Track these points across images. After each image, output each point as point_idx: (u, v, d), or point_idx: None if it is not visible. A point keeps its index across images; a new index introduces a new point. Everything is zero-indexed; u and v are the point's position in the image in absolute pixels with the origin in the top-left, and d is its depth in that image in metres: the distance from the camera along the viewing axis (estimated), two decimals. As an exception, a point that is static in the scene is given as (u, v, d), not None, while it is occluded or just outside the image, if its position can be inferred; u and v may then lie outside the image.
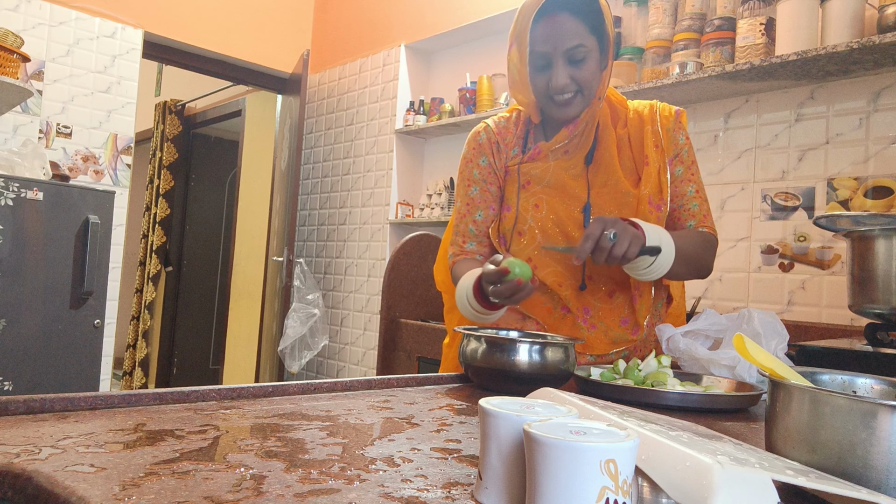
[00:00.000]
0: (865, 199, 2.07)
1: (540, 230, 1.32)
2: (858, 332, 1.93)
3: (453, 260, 1.41)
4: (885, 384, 0.64)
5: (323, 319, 3.83)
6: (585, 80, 1.26)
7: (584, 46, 1.23)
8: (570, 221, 1.30)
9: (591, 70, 1.25)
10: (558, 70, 1.24)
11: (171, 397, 0.76)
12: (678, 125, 1.35)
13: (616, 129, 1.35)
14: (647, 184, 1.29)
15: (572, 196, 1.31)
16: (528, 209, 1.33)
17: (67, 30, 3.35)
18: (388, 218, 3.70)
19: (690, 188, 1.34)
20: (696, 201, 1.34)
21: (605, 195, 1.30)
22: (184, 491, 0.46)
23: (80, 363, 2.61)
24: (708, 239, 1.32)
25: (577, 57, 1.23)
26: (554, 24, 1.22)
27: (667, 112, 1.35)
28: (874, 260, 1.26)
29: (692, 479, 0.43)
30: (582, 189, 1.31)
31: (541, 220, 1.32)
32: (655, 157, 1.31)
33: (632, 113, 1.36)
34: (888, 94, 2.05)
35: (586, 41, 1.23)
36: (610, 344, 1.30)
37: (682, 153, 1.34)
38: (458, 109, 3.42)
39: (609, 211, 1.30)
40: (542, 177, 1.34)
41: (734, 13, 2.28)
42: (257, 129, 5.14)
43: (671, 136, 1.33)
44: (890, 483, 0.50)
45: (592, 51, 1.25)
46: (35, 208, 2.48)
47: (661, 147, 1.32)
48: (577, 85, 1.26)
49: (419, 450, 0.61)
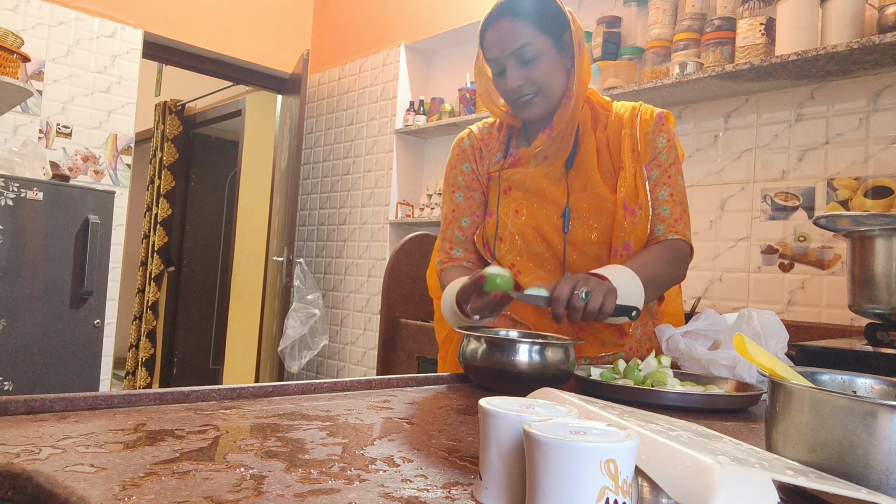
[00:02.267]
0: (865, 199, 2.07)
1: (520, 236, 1.32)
2: (858, 332, 1.93)
3: (441, 267, 1.41)
4: (885, 384, 0.64)
5: (323, 319, 3.83)
6: (540, 79, 1.26)
7: (530, 45, 1.24)
8: (550, 227, 1.30)
9: (544, 69, 1.26)
10: (510, 72, 1.26)
11: (171, 397, 0.76)
12: (659, 128, 1.32)
13: (595, 133, 1.34)
14: (622, 188, 1.28)
15: (552, 202, 1.31)
16: (508, 214, 1.34)
17: (67, 30, 3.35)
18: (388, 218, 3.70)
19: (664, 192, 1.31)
20: (668, 205, 1.31)
21: (583, 200, 1.29)
22: (184, 491, 0.46)
23: (80, 363, 2.61)
24: (676, 249, 1.29)
25: (526, 57, 1.25)
26: (497, 29, 1.25)
27: (648, 115, 1.33)
28: (874, 260, 1.26)
29: (692, 479, 0.43)
30: (562, 194, 1.31)
31: (521, 225, 1.32)
32: (631, 162, 1.29)
33: (613, 116, 1.35)
34: (888, 94, 2.05)
35: (534, 40, 1.24)
36: (599, 346, 1.30)
37: (659, 156, 1.32)
38: (458, 109, 3.42)
39: (588, 217, 1.29)
40: (523, 182, 1.34)
41: (734, 13, 2.28)
42: (257, 129, 5.14)
43: (649, 139, 1.31)
44: (890, 483, 0.50)
45: (545, 50, 1.25)
46: (35, 208, 2.48)
47: (638, 151, 1.30)
48: (535, 85, 1.26)
49: (419, 450, 0.61)
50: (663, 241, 1.30)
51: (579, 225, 1.29)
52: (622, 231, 1.27)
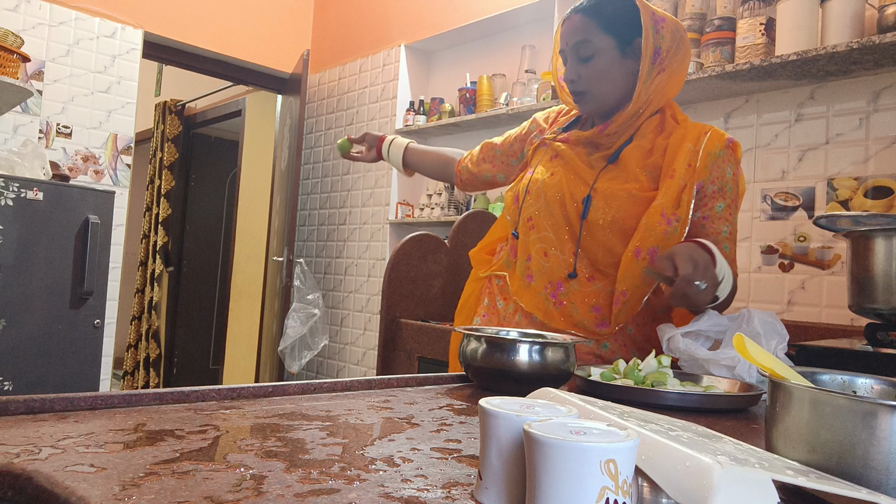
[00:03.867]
0: (865, 199, 2.07)
1: (543, 194, 1.37)
2: (858, 332, 1.93)
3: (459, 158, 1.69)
4: (885, 384, 0.64)
5: (323, 319, 3.83)
6: (590, 78, 1.29)
7: (589, 43, 1.28)
8: (571, 200, 1.33)
9: (597, 68, 1.27)
10: (568, 65, 1.35)
11: (171, 397, 0.76)
12: (728, 156, 1.30)
13: (656, 139, 1.34)
14: (664, 195, 1.26)
15: (583, 181, 1.34)
16: (543, 174, 1.39)
17: (67, 30, 3.35)
18: (388, 218, 3.70)
19: (726, 228, 1.31)
20: (728, 244, 1.31)
21: (608, 186, 1.30)
22: (184, 491, 0.46)
23: (80, 363, 2.61)
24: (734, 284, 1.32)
25: (583, 53, 1.30)
26: (567, 23, 1.33)
27: (716, 137, 1.31)
28: (874, 260, 1.26)
29: (692, 479, 0.43)
30: (591, 177, 1.33)
31: (548, 185, 1.37)
32: (683, 174, 1.27)
33: (681, 129, 1.34)
34: (888, 94, 2.05)
35: (594, 39, 1.27)
36: (571, 325, 1.30)
37: (726, 188, 1.30)
38: (458, 109, 3.41)
39: (606, 201, 1.29)
40: (566, 156, 1.39)
41: (734, 13, 2.28)
42: (257, 129, 5.14)
43: (712, 160, 1.28)
44: (890, 483, 0.50)
45: (605, 50, 1.27)
46: (35, 208, 2.48)
47: (694, 167, 1.27)
48: (586, 82, 1.29)
49: (419, 450, 0.61)
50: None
51: (598, 207, 1.30)
52: (652, 235, 1.25)
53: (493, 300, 1.45)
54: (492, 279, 1.48)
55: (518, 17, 3.19)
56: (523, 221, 1.39)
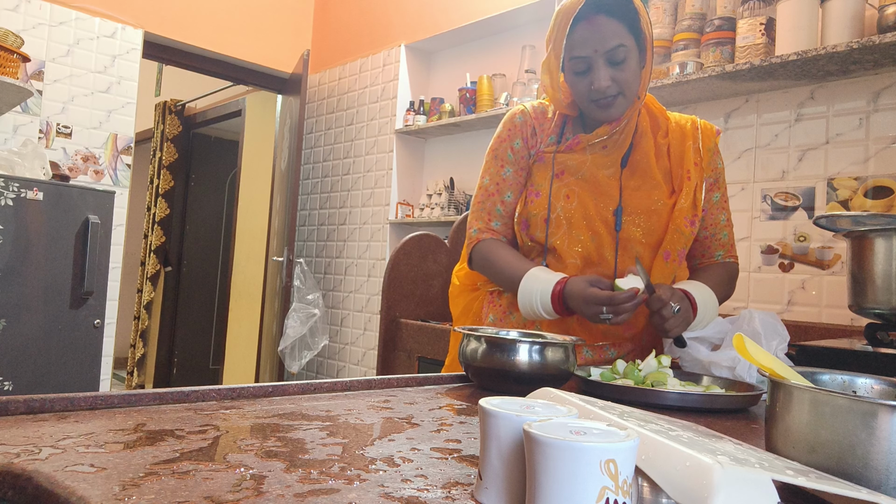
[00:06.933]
0: (865, 199, 2.07)
1: (566, 220, 1.31)
2: (858, 332, 1.93)
3: (479, 236, 1.38)
4: (885, 384, 0.64)
5: (323, 319, 3.83)
6: (626, 81, 1.25)
7: (624, 47, 1.23)
8: (599, 218, 1.30)
9: (631, 70, 1.26)
10: (600, 72, 1.23)
11: (171, 397, 0.76)
12: (718, 148, 1.38)
13: (656, 138, 1.35)
14: (686, 197, 1.30)
15: (605, 194, 1.31)
16: (559, 199, 1.32)
17: (67, 30, 3.35)
18: (388, 218, 3.70)
19: (723, 217, 1.38)
20: (727, 230, 1.38)
21: (637, 199, 1.30)
22: (184, 491, 0.46)
23: (80, 363, 2.61)
24: (732, 272, 1.38)
25: (618, 58, 1.23)
26: (592, 26, 1.22)
27: (708, 131, 1.36)
28: (874, 260, 1.26)
29: (692, 479, 0.43)
30: (615, 189, 1.31)
31: (570, 211, 1.31)
32: (695, 174, 1.32)
33: (673, 124, 1.36)
34: (888, 94, 2.05)
35: (626, 41, 1.23)
36: (599, 335, 1.31)
37: (719, 179, 1.37)
38: (459, 109, 3.42)
39: (637, 215, 1.29)
40: (578, 169, 1.33)
41: (734, 13, 2.28)
42: (257, 129, 5.14)
43: (711, 157, 1.36)
44: (890, 483, 0.50)
45: (632, 50, 1.25)
46: (35, 208, 2.48)
47: (701, 165, 1.34)
48: (619, 86, 1.25)
49: (419, 450, 0.61)
50: (722, 263, 1.38)
51: (629, 222, 1.30)
52: (682, 237, 1.29)
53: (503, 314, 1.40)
54: (494, 294, 1.44)
55: (518, 17, 3.19)
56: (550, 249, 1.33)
